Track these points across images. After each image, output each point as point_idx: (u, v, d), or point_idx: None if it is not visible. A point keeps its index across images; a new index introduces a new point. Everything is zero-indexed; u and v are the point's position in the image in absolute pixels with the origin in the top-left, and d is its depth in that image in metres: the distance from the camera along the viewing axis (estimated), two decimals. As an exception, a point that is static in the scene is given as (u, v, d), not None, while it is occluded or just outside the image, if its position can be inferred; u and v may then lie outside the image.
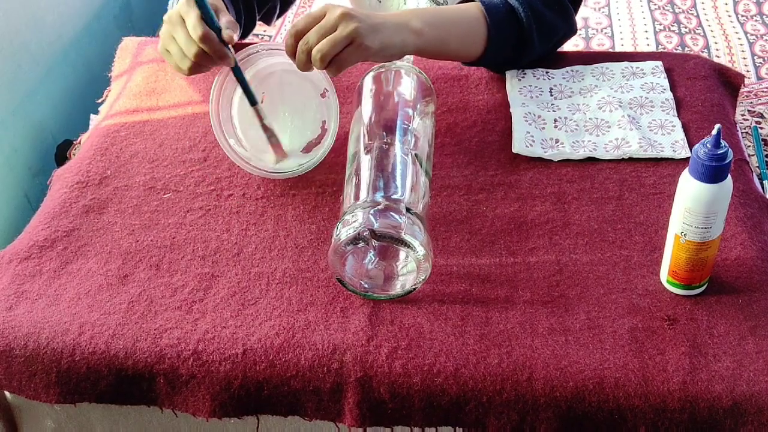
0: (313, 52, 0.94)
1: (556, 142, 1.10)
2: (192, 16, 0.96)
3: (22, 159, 1.50)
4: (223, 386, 0.87)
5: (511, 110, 1.14)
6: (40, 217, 1.06)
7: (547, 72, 1.21)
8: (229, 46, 0.98)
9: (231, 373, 0.87)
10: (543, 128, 1.12)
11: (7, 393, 0.96)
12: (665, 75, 1.19)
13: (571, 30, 1.19)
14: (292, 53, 0.97)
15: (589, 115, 1.14)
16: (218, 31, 0.98)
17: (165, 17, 0.99)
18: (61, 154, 1.51)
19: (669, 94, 1.16)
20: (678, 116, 1.13)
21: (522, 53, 1.15)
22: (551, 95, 1.17)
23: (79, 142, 1.23)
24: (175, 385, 0.88)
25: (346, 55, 0.95)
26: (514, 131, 1.11)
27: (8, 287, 0.96)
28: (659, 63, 1.21)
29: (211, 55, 0.97)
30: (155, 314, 0.92)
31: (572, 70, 1.21)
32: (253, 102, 1.03)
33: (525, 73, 1.20)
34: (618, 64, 1.22)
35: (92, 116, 1.31)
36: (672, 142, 1.09)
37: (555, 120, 1.13)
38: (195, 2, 0.96)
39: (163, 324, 0.91)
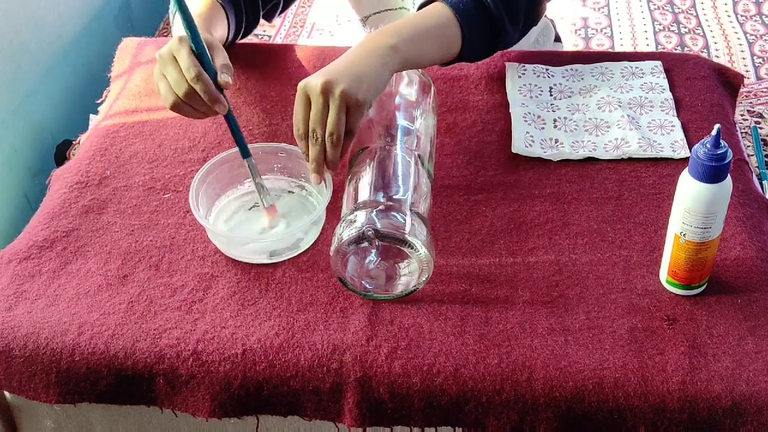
0: (326, 141, 0.92)
1: (555, 142, 1.10)
2: (184, 55, 0.93)
3: (22, 159, 1.50)
4: (222, 386, 0.87)
5: (510, 110, 1.14)
6: (39, 218, 1.05)
7: (546, 69, 1.21)
8: (224, 91, 0.96)
9: (231, 373, 0.87)
10: (542, 128, 1.12)
11: (6, 393, 0.96)
12: (664, 75, 1.19)
13: None
14: (318, 161, 0.94)
15: (589, 115, 1.14)
16: (213, 75, 0.95)
17: (156, 54, 0.97)
18: (61, 154, 1.51)
19: (668, 94, 1.16)
20: (677, 116, 1.13)
21: (497, 43, 1.10)
22: (551, 95, 1.17)
23: (79, 142, 1.22)
24: (174, 385, 0.88)
25: (352, 121, 0.93)
26: (513, 131, 1.11)
27: (8, 287, 0.96)
28: (658, 63, 1.21)
29: (203, 98, 0.94)
30: (155, 314, 0.92)
31: (572, 69, 1.21)
32: (245, 155, 0.99)
33: (525, 69, 1.20)
34: (617, 64, 1.22)
35: (92, 116, 1.31)
36: (671, 142, 1.09)
37: (554, 120, 1.13)
38: (191, 48, 0.93)
39: (162, 324, 0.91)
